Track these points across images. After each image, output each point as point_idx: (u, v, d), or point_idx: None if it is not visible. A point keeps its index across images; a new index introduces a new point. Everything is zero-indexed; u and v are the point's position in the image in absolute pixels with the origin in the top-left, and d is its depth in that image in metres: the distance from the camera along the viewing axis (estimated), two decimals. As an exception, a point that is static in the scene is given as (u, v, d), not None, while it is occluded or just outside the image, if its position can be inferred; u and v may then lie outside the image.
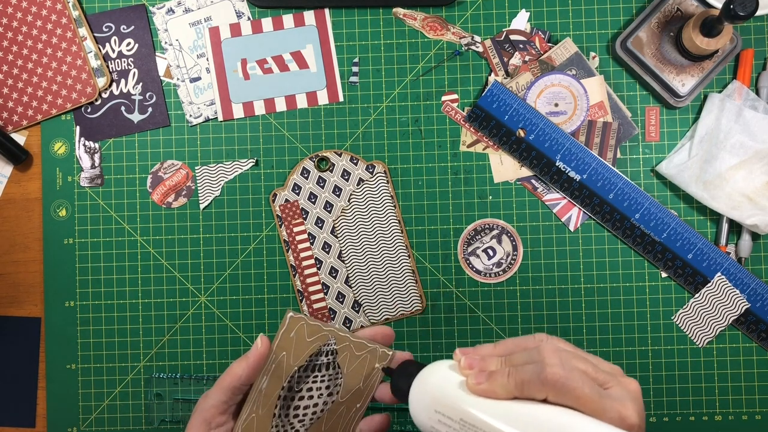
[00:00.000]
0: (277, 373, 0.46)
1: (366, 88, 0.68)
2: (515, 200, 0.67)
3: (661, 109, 0.66)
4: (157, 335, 0.68)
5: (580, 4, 0.67)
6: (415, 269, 0.67)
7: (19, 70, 0.68)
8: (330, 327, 0.46)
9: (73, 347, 0.68)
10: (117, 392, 0.67)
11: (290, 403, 0.47)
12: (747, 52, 0.65)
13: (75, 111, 0.68)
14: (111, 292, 0.68)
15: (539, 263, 0.66)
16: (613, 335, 0.66)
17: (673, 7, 0.64)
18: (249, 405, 0.45)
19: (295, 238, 0.67)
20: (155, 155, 0.68)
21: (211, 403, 0.45)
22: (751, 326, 0.64)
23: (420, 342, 0.67)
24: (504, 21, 0.67)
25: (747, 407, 0.65)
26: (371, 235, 0.67)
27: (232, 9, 0.68)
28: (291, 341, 0.46)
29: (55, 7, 0.68)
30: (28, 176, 0.69)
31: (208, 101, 0.68)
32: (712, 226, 0.66)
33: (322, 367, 0.47)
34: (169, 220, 0.68)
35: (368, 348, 0.47)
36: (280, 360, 0.46)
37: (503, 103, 0.65)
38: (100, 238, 0.68)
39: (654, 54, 0.64)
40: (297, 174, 0.67)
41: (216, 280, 0.67)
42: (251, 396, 0.45)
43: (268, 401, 0.46)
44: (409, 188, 0.67)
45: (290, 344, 0.46)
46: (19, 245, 0.68)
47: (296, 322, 0.45)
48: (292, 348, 0.46)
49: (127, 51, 0.69)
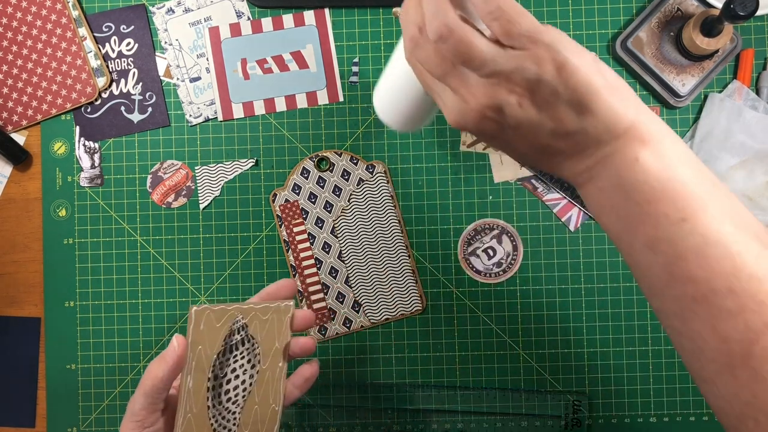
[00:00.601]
0: (199, 367, 0.46)
1: (366, 88, 0.68)
2: (515, 200, 0.67)
3: (661, 109, 0.66)
4: (157, 335, 0.68)
5: (580, 4, 0.67)
6: (415, 269, 0.67)
7: (19, 70, 0.68)
8: (234, 305, 0.47)
9: (73, 347, 0.68)
10: (117, 392, 0.67)
11: (220, 390, 0.48)
12: (747, 52, 0.65)
13: (75, 111, 0.68)
14: (111, 292, 0.68)
15: (539, 263, 0.66)
16: (613, 335, 0.66)
17: (673, 7, 0.64)
18: (181, 408, 0.46)
19: (295, 238, 0.67)
20: (155, 155, 0.68)
21: (138, 408, 0.46)
22: (751, 326, 0.64)
23: (420, 342, 0.67)
24: (504, 21, 0.67)
25: (747, 407, 0.65)
26: (371, 235, 0.67)
27: (232, 9, 0.68)
28: (203, 333, 0.46)
29: (55, 7, 0.68)
30: (28, 176, 0.69)
31: (208, 101, 0.68)
32: (712, 226, 0.66)
33: (238, 344, 0.48)
34: (169, 220, 0.68)
35: (272, 308, 0.49)
36: (198, 354, 0.46)
37: (503, 103, 0.65)
38: (100, 238, 0.68)
39: (654, 54, 0.64)
40: (297, 174, 0.67)
41: (216, 280, 0.67)
42: (181, 398, 0.46)
43: (198, 397, 0.47)
44: (409, 188, 0.67)
45: (203, 336, 0.46)
46: (19, 245, 0.68)
47: (201, 314, 0.46)
48: (205, 339, 0.46)
49: (127, 51, 0.69)
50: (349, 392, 0.66)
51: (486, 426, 0.65)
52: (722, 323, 0.34)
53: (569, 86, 0.35)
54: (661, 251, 0.36)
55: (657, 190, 0.36)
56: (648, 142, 0.36)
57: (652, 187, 0.36)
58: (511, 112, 0.36)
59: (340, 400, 0.66)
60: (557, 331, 0.66)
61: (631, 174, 0.36)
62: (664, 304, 0.37)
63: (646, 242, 0.36)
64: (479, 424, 0.65)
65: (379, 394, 0.66)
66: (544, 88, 0.35)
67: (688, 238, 0.35)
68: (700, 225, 0.35)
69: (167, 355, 0.45)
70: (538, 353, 0.66)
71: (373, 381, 0.67)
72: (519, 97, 0.36)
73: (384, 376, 0.67)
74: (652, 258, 0.36)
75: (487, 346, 0.66)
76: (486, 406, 0.65)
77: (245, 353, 0.49)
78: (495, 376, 0.66)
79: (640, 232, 0.36)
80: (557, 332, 0.66)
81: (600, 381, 0.66)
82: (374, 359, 0.67)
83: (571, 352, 0.66)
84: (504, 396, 0.65)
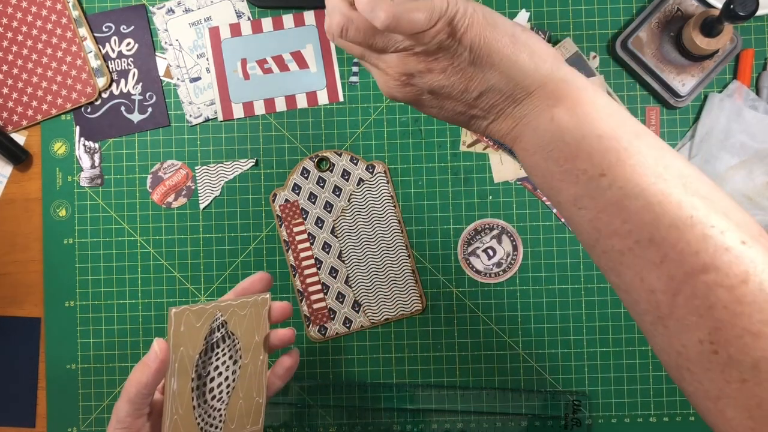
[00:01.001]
0: (182, 369, 0.46)
1: (366, 88, 0.68)
2: (515, 200, 0.67)
3: (661, 109, 0.66)
4: (157, 335, 0.67)
5: (580, 4, 0.67)
6: (415, 269, 0.67)
7: (19, 70, 0.68)
8: (212, 303, 0.47)
9: (73, 347, 0.68)
10: (117, 392, 0.67)
11: (204, 389, 0.48)
12: (747, 52, 0.65)
13: (75, 111, 0.68)
14: (111, 292, 0.68)
15: (539, 263, 0.66)
16: (613, 335, 0.66)
17: (673, 7, 0.64)
18: (167, 410, 0.46)
19: (295, 238, 0.67)
20: (155, 155, 0.68)
21: (124, 415, 0.46)
22: (751, 326, 0.64)
23: (420, 342, 0.67)
24: (504, 21, 0.67)
25: (747, 407, 0.65)
26: (371, 235, 0.67)
27: (232, 9, 0.68)
28: (183, 335, 0.46)
29: (55, 7, 0.68)
30: (28, 176, 0.69)
31: (208, 101, 0.68)
32: (712, 226, 0.66)
33: (219, 342, 0.48)
34: (169, 220, 0.68)
35: (249, 302, 0.49)
36: (180, 357, 0.46)
37: (503, 103, 0.65)
38: (100, 238, 0.68)
39: (654, 54, 0.64)
40: (297, 174, 0.67)
41: (216, 280, 0.67)
42: (166, 401, 0.46)
43: (183, 399, 0.46)
44: (409, 188, 0.67)
45: (184, 338, 0.46)
46: (19, 245, 0.68)
47: (181, 315, 0.46)
48: (187, 340, 0.46)
49: (127, 51, 0.69)
50: (349, 392, 0.66)
51: (486, 426, 0.65)
52: (648, 274, 0.34)
53: (464, 44, 0.36)
54: (584, 207, 0.36)
55: (572, 147, 0.36)
56: (563, 99, 0.36)
57: (568, 144, 0.36)
58: (422, 79, 0.38)
59: (340, 400, 0.66)
60: (557, 331, 0.66)
61: (547, 133, 0.37)
62: (598, 259, 0.37)
63: (570, 200, 0.36)
64: (479, 424, 0.65)
65: (379, 394, 0.66)
66: (442, 52, 0.36)
67: (607, 192, 0.35)
68: (618, 178, 0.34)
69: (149, 360, 0.45)
70: (538, 353, 0.66)
71: (373, 381, 0.67)
72: (425, 64, 0.37)
73: (384, 376, 0.67)
74: (579, 215, 0.36)
75: (487, 346, 0.66)
76: (486, 406, 0.65)
77: (226, 350, 0.49)
78: (495, 376, 0.66)
79: (564, 190, 0.36)
80: (557, 332, 0.66)
81: (600, 381, 0.66)
82: (374, 359, 0.67)
83: (571, 352, 0.66)
84: (504, 396, 0.65)
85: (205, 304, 0.47)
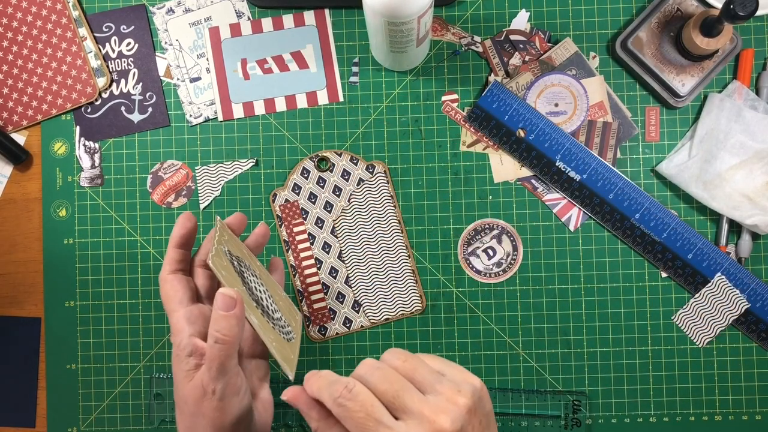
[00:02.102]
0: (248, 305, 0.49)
1: (366, 88, 0.68)
2: (515, 200, 0.67)
3: (661, 109, 0.66)
4: (157, 335, 0.68)
5: (580, 4, 0.67)
6: (415, 269, 0.67)
7: (19, 70, 0.68)
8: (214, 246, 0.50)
9: (73, 347, 0.68)
10: (117, 392, 0.67)
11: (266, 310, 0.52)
12: (747, 52, 0.65)
13: (75, 111, 0.68)
14: (111, 292, 0.68)
15: (539, 263, 0.66)
16: (613, 335, 0.66)
17: (673, 7, 0.64)
18: (266, 342, 0.49)
19: (295, 238, 0.67)
20: (155, 155, 0.68)
21: (172, 262, 0.50)
22: (751, 326, 0.64)
23: (420, 342, 0.67)
24: (504, 21, 0.67)
25: (747, 407, 0.65)
26: (371, 235, 0.67)
27: (232, 9, 0.68)
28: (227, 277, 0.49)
29: (55, 7, 0.68)
30: (28, 176, 0.69)
31: (208, 101, 0.68)
32: (712, 226, 0.66)
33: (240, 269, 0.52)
34: (169, 220, 0.68)
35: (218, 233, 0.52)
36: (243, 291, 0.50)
37: (503, 103, 0.65)
38: (100, 238, 0.68)
39: (654, 54, 0.64)
40: (297, 174, 0.67)
41: (216, 280, 0.67)
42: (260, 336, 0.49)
43: (266, 327, 0.50)
44: (409, 188, 0.67)
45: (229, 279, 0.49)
46: (19, 245, 0.68)
47: (218, 262, 0.48)
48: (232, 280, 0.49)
49: (127, 51, 0.69)
50: (349, 392, 0.66)
51: (486, 426, 0.65)
52: None
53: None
54: None
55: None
56: None
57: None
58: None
59: (340, 400, 0.66)
60: (557, 331, 0.66)
61: None
62: None
63: None
64: (479, 424, 0.65)
65: (379, 394, 0.66)
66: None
67: None
68: None
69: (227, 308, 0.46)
70: (538, 353, 0.66)
71: (373, 381, 0.67)
72: None
73: (384, 376, 0.67)
74: None
75: (487, 346, 0.66)
76: (486, 406, 0.65)
77: (246, 271, 0.52)
78: (495, 376, 0.66)
79: None
80: (557, 332, 0.66)
81: (600, 381, 0.66)
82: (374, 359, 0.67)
83: (571, 352, 0.66)
84: (504, 396, 0.65)
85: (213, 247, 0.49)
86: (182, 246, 0.52)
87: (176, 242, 0.51)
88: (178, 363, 0.47)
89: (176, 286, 0.49)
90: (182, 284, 0.50)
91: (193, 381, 0.46)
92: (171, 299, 0.49)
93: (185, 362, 0.47)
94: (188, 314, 0.48)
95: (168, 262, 0.51)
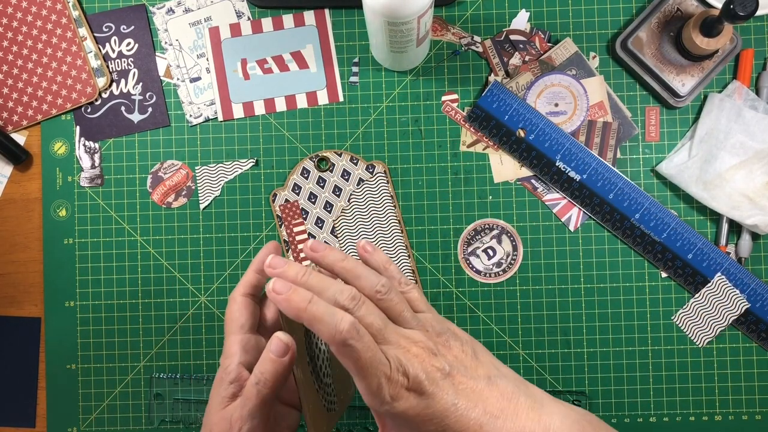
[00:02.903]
0: (300, 356, 0.47)
1: (366, 88, 0.68)
2: (515, 200, 0.67)
3: (661, 109, 0.66)
4: (157, 335, 0.68)
5: (580, 4, 0.67)
6: (415, 269, 0.67)
7: (19, 70, 0.68)
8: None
9: (73, 347, 0.68)
10: (117, 392, 0.67)
11: (317, 371, 0.49)
12: (747, 52, 0.65)
13: (75, 111, 0.68)
14: (111, 292, 0.68)
15: (539, 263, 0.66)
16: (613, 335, 0.66)
17: (673, 7, 0.64)
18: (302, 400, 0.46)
19: (295, 238, 0.67)
20: (155, 155, 0.68)
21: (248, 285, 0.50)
22: (751, 326, 0.64)
23: (420, 342, 0.67)
24: (504, 21, 0.67)
25: (747, 407, 0.65)
26: (371, 235, 0.67)
27: (232, 9, 0.68)
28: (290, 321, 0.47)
29: (55, 7, 0.68)
30: (28, 176, 0.69)
31: (208, 101, 0.68)
32: (712, 226, 0.66)
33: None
34: (169, 220, 0.68)
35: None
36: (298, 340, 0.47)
37: (503, 103, 0.65)
38: (100, 238, 0.68)
39: (654, 54, 0.64)
40: (297, 174, 0.67)
41: (216, 280, 0.67)
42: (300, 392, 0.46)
43: (309, 385, 0.47)
44: (409, 188, 0.67)
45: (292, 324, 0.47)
46: (19, 245, 0.68)
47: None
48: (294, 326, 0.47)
49: (127, 51, 0.69)
50: (349, 392, 0.66)
51: (486, 426, 0.65)
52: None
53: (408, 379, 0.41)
54: None
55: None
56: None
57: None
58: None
59: (340, 400, 0.66)
60: (557, 331, 0.66)
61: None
62: None
63: None
64: (479, 424, 0.65)
65: (379, 394, 0.66)
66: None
67: None
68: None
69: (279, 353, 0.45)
70: (538, 353, 0.66)
71: (373, 381, 0.67)
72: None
73: (384, 376, 0.67)
74: None
75: (487, 346, 0.66)
76: (486, 406, 0.65)
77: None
78: (495, 376, 0.66)
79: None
80: (557, 332, 0.66)
81: (600, 381, 0.66)
82: (374, 359, 0.67)
83: (571, 352, 0.66)
84: (504, 396, 0.65)
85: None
86: (262, 272, 0.50)
87: (258, 267, 0.50)
88: (219, 386, 0.47)
89: (243, 310, 0.49)
90: (249, 310, 0.49)
91: (224, 410, 0.46)
92: (233, 321, 0.48)
93: (225, 388, 0.46)
94: (245, 341, 0.48)
95: (243, 284, 0.50)
